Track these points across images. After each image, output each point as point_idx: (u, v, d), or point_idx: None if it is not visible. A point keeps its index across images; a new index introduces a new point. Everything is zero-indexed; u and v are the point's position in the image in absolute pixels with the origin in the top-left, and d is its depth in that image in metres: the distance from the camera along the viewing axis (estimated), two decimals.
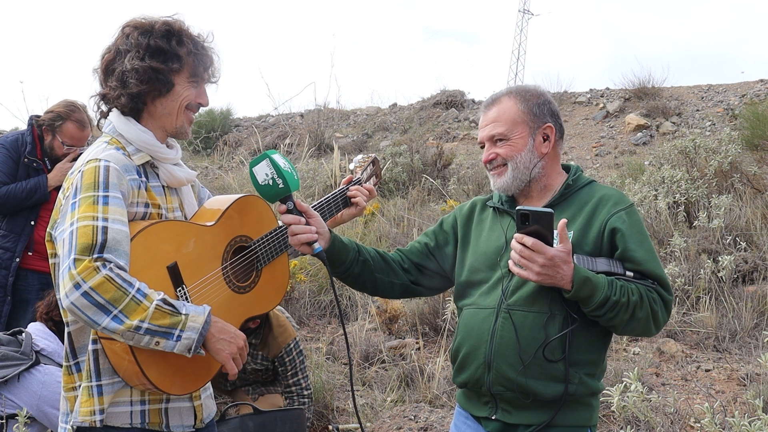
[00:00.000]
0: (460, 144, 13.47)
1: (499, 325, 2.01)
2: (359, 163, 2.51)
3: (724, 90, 13.68)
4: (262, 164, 2.01)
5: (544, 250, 1.86)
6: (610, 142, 12.71)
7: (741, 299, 5.40)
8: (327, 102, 15.28)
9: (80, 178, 1.82)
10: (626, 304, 1.91)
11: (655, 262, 1.99)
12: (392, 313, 5.60)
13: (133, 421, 1.89)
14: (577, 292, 1.90)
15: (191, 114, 2.03)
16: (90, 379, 1.85)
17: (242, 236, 2.07)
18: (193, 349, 1.77)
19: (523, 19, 32.08)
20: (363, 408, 4.35)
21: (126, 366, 1.81)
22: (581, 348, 1.99)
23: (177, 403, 1.97)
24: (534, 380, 1.97)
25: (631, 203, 2.07)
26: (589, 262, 1.97)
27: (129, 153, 1.92)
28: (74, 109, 4.07)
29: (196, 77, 1.99)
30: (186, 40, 1.96)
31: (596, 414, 2.09)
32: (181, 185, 2.05)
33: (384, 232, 7.62)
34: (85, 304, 1.68)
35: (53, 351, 3.11)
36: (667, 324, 5.34)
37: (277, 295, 2.17)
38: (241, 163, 8.54)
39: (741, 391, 4.28)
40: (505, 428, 2.04)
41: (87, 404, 1.84)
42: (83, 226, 1.74)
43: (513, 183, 2.09)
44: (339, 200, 2.35)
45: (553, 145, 2.12)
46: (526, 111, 2.09)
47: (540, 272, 1.89)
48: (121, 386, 1.87)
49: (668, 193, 7.25)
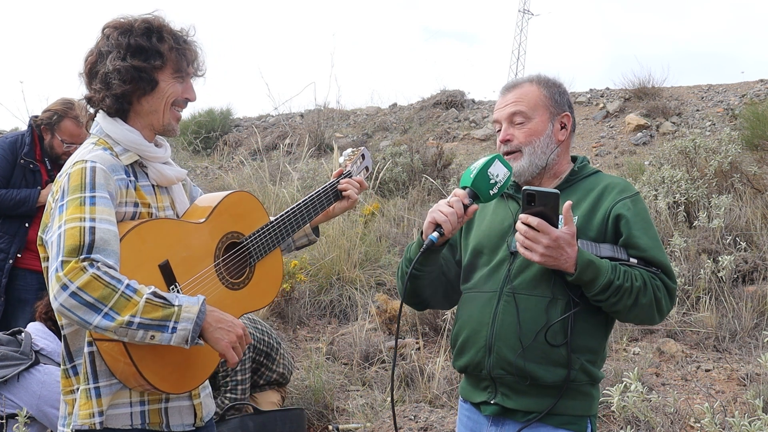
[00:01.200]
0: (460, 144, 13.47)
1: (501, 308, 2.02)
2: (349, 157, 2.51)
3: (724, 90, 13.67)
4: (502, 167, 2.01)
5: (549, 231, 1.87)
6: (610, 142, 12.71)
7: (741, 299, 5.40)
8: (327, 102, 15.26)
9: (67, 180, 1.81)
10: (629, 289, 1.90)
11: (660, 250, 1.99)
12: (392, 313, 5.59)
13: (134, 422, 1.88)
14: (581, 275, 1.89)
15: (178, 110, 2.02)
16: (87, 382, 1.84)
17: (234, 232, 2.06)
18: (190, 339, 1.73)
19: (523, 19, 32.11)
20: (363, 408, 4.35)
21: (122, 367, 1.80)
22: (583, 334, 1.98)
23: (177, 402, 1.96)
24: (534, 364, 1.96)
25: (637, 192, 2.07)
26: (593, 247, 1.97)
27: (117, 153, 1.91)
28: (71, 106, 4.05)
29: (180, 72, 1.98)
30: (167, 36, 1.95)
31: (596, 404, 2.08)
32: (171, 184, 2.04)
33: (384, 232, 7.62)
34: (74, 305, 1.67)
35: (53, 351, 3.11)
36: (667, 324, 5.35)
37: (271, 291, 2.16)
38: (241, 163, 8.53)
39: (741, 391, 4.28)
40: (503, 412, 2.04)
41: (86, 407, 1.83)
42: (71, 228, 1.73)
43: (528, 168, 2.09)
44: (330, 194, 2.35)
45: (569, 134, 2.14)
46: (549, 96, 2.11)
47: (544, 253, 1.88)
48: (119, 387, 1.86)
49: (668, 193, 7.25)
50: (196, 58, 2.03)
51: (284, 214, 2.22)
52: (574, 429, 2.00)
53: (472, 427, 2.14)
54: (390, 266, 6.62)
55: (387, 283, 6.39)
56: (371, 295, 6.04)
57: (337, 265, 6.28)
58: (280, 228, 2.18)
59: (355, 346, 5.18)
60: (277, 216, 2.21)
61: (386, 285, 6.38)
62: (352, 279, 6.22)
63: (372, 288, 6.24)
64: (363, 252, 6.54)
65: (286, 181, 8.26)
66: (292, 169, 8.72)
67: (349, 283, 6.19)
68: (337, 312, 6.03)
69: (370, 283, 6.29)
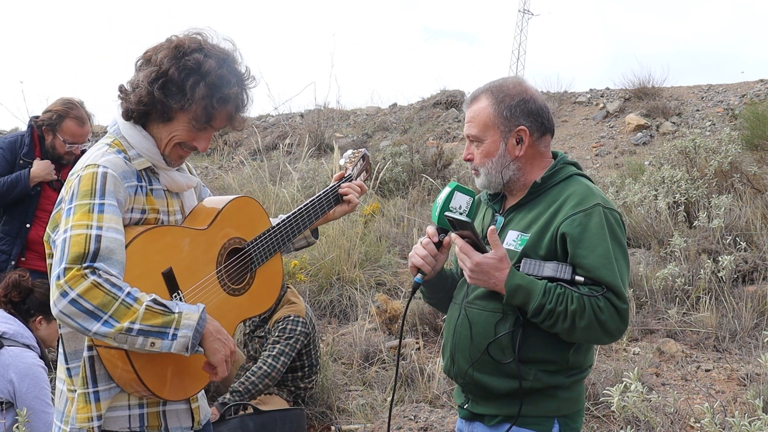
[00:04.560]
0: (460, 144, 13.47)
1: (460, 320, 2.10)
2: (349, 159, 2.51)
3: (724, 90, 13.68)
4: (462, 196, 2.06)
5: (471, 255, 1.95)
6: (610, 142, 12.72)
7: (741, 299, 5.40)
8: (327, 102, 15.30)
9: (78, 183, 1.79)
10: (563, 312, 1.89)
11: (608, 268, 1.91)
12: (392, 313, 5.59)
13: (132, 425, 1.88)
14: (510, 299, 1.94)
15: (183, 150, 1.94)
16: (86, 386, 1.82)
17: (236, 238, 2.06)
18: (190, 347, 1.72)
19: (523, 19, 32.13)
20: (363, 408, 4.35)
21: (121, 373, 1.79)
22: (536, 347, 1.99)
23: (174, 406, 1.96)
24: (486, 375, 2.02)
25: (595, 203, 1.97)
26: (536, 266, 1.96)
27: (130, 157, 1.88)
28: (72, 106, 4.04)
29: (198, 123, 1.89)
30: (205, 86, 1.84)
31: (566, 405, 2.03)
32: (181, 190, 2.02)
33: (384, 232, 7.63)
34: (73, 312, 1.65)
35: (15, 332, 3.11)
36: (667, 324, 5.35)
37: (270, 296, 2.16)
38: (241, 163, 8.53)
39: (741, 391, 4.28)
40: (473, 417, 2.12)
41: (84, 410, 1.81)
42: (76, 234, 1.71)
43: (489, 185, 2.13)
44: (331, 197, 2.35)
45: (528, 146, 2.08)
46: (497, 114, 2.07)
47: (471, 276, 1.98)
48: (118, 391, 1.85)
49: (668, 193, 7.25)
50: (225, 125, 1.94)
51: (285, 219, 2.21)
52: (537, 429, 2.01)
53: (459, 427, 2.23)
54: (390, 266, 6.63)
55: (387, 283, 6.40)
56: (371, 295, 6.04)
57: (337, 265, 6.28)
58: (281, 233, 2.18)
59: (356, 346, 5.18)
60: (278, 221, 2.21)
61: (386, 285, 6.39)
62: (352, 279, 6.22)
63: (372, 288, 6.24)
64: (363, 252, 6.54)
65: (286, 181, 8.27)
66: (292, 169, 8.72)
67: (349, 283, 6.19)
68: (337, 312, 6.03)
69: (370, 283, 6.29)
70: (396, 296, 6.15)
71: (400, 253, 7.17)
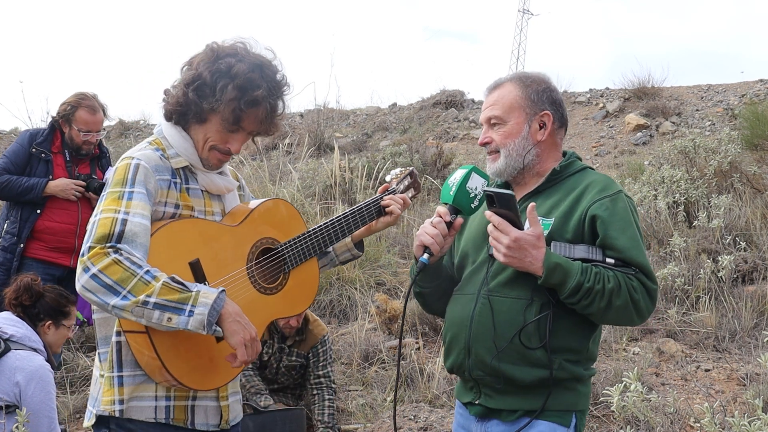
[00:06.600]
0: (460, 144, 13.47)
1: (477, 310, 2.03)
2: (396, 176, 2.50)
3: (723, 90, 13.68)
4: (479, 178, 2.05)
5: (509, 231, 1.89)
6: (609, 142, 12.72)
7: (741, 299, 5.40)
8: (327, 102, 15.28)
9: (113, 173, 1.90)
10: (601, 291, 1.88)
11: (638, 249, 1.95)
12: (392, 313, 5.59)
13: (158, 415, 1.91)
14: (548, 278, 1.89)
15: (220, 155, 2.01)
16: (112, 370, 1.89)
17: (268, 238, 2.09)
18: (207, 324, 1.73)
19: (523, 19, 32.13)
20: (363, 408, 4.35)
21: (148, 360, 1.84)
22: (562, 334, 1.97)
23: (203, 402, 1.98)
24: (510, 365, 1.97)
25: (619, 190, 2.03)
26: (567, 249, 1.95)
27: (168, 156, 1.97)
28: (84, 96, 4.28)
29: (228, 125, 1.96)
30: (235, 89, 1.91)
31: (583, 399, 2.05)
32: (220, 192, 2.08)
33: (384, 232, 7.62)
34: (94, 286, 1.73)
35: (23, 336, 3.13)
36: (667, 324, 5.35)
37: (306, 299, 2.18)
38: (240, 163, 8.53)
39: (741, 391, 4.28)
40: (488, 413, 2.05)
41: (108, 394, 1.88)
42: (104, 217, 1.81)
43: (506, 169, 2.11)
44: (372, 209, 2.34)
45: (549, 133, 2.11)
46: (525, 97, 2.10)
47: (506, 253, 1.90)
48: (143, 379, 1.89)
49: (668, 193, 7.25)
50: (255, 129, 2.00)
51: (323, 225, 2.23)
52: (558, 422, 1.99)
53: (464, 426, 2.16)
54: (390, 266, 6.62)
55: (387, 283, 6.40)
56: (371, 295, 6.04)
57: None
58: (317, 237, 2.18)
59: (355, 346, 5.18)
60: (315, 226, 2.22)
61: (386, 285, 6.39)
62: (352, 279, 6.22)
63: (372, 288, 6.24)
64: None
65: (286, 181, 8.26)
66: (292, 168, 8.72)
67: (348, 283, 6.19)
68: (336, 312, 6.03)
69: (369, 283, 6.29)
70: (396, 296, 6.15)
71: (400, 253, 7.17)
